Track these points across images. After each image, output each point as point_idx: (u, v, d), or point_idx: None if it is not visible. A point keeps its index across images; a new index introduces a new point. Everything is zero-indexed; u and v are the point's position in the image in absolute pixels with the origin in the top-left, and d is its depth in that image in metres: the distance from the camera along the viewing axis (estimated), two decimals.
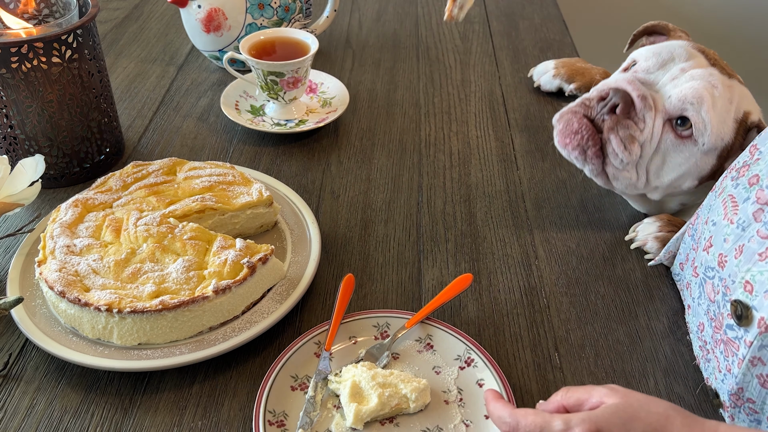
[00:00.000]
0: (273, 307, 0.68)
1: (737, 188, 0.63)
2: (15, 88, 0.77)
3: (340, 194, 0.88)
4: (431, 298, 0.73)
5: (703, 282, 0.65)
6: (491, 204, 0.87)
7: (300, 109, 1.00)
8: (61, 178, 0.86)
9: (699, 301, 0.67)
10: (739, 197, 0.61)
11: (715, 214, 0.65)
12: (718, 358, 0.61)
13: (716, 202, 0.66)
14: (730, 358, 0.59)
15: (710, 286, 0.64)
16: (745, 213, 0.60)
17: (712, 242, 0.64)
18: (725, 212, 0.63)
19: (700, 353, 0.66)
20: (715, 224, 0.64)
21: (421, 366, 0.65)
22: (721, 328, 0.61)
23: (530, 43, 1.26)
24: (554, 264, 0.78)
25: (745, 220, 0.59)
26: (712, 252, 0.63)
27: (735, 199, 0.62)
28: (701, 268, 0.66)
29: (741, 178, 0.63)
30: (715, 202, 0.66)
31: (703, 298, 0.65)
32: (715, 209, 0.65)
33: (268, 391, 0.60)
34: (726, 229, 0.62)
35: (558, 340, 0.70)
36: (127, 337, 0.63)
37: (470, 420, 0.60)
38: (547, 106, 1.07)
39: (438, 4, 1.39)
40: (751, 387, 0.57)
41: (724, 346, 0.60)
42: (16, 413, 0.61)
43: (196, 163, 0.80)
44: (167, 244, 0.69)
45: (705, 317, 0.65)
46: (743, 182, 0.62)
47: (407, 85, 1.12)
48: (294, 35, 0.99)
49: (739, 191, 0.62)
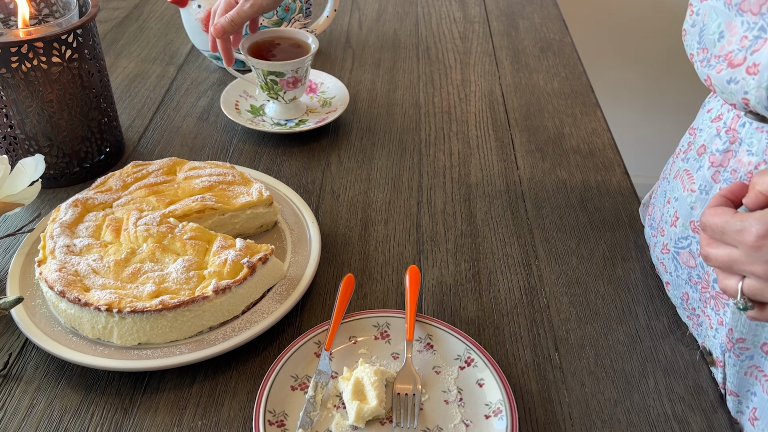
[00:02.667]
0: (273, 307, 0.68)
1: (688, 162, 0.68)
2: (15, 88, 0.77)
3: (340, 194, 0.88)
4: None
5: (676, 255, 0.70)
6: (491, 204, 0.87)
7: (300, 109, 1.00)
8: (61, 178, 0.86)
9: (677, 274, 0.71)
10: (692, 168, 0.67)
11: (674, 191, 0.70)
12: (709, 315, 0.66)
13: (671, 183, 0.71)
14: (722, 310, 0.63)
15: (687, 254, 0.68)
16: (703, 178, 0.65)
17: (678, 215, 0.69)
18: (683, 185, 0.68)
19: (690, 322, 0.70)
20: (677, 200, 0.69)
21: (421, 366, 0.65)
22: (708, 286, 0.66)
23: (530, 43, 1.26)
24: (554, 264, 0.78)
25: (705, 185, 0.65)
26: (680, 224, 0.69)
27: (689, 172, 0.68)
28: (671, 243, 0.71)
29: (689, 153, 0.69)
30: (669, 184, 0.72)
31: (681, 269, 0.70)
32: (672, 188, 0.71)
33: (268, 391, 0.60)
34: (689, 198, 0.67)
35: (558, 339, 0.70)
36: (127, 337, 0.63)
37: (470, 420, 0.60)
38: (547, 106, 1.07)
39: (438, 4, 1.39)
40: (739, 325, 0.62)
41: (714, 302, 0.65)
42: (16, 413, 0.61)
43: (196, 163, 0.80)
44: (167, 244, 0.69)
45: (687, 285, 0.69)
46: (692, 155, 0.68)
47: (407, 85, 1.12)
48: (294, 35, 0.99)
49: (690, 164, 0.68)
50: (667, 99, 2.12)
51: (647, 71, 2.06)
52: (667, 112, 2.14)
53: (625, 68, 2.06)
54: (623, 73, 2.07)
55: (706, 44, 0.59)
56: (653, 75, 2.07)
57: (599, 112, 1.06)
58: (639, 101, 2.13)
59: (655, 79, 2.08)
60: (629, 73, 2.07)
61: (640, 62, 2.05)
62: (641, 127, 2.18)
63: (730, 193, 0.54)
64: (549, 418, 0.62)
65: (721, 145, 0.63)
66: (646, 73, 2.07)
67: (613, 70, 2.06)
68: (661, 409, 0.63)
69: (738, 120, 0.62)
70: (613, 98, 2.08)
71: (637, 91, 2.11)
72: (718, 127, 0.64)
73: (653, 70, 2.06)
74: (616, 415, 0.63)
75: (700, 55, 0.60)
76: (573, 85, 1.13)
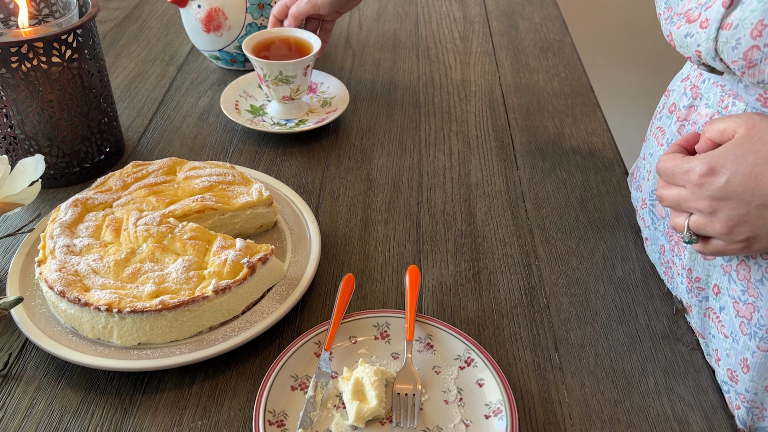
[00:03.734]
0: (273, 307, 0.68)
1: (661, 120, 0.74)
2: (15, 88, 0.77)
3: (340, 194, 0.88)
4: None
5: (652, 207, 0.75)
6: (491, 204, 0.87)
7: (302, 109, 1.00)
8: (61, 178, 0.86)
9: (654, 226, 0.75)
10: (665, 125, 0.73)
11: (649, 148, 0.76)
12: (676, 263, 0.71)
13: (649, 141, 0.77)
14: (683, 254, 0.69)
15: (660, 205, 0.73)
16: (671, 132, 0.71)
17: (651, 169, 0.75)
18: (657, 141, 0.74)
19: (665, 277, 0.75)
20: (651, 155, 0.75)
21: (421, 366, 0.65)
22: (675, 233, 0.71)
23: (530, 43, 1.26)
24: (554, 264, 0.78)
25: (672, 138, 0.71)
26: (653, 177, 0.75)
27: (662, 129, 0.74)
28: (648, 197, 0.76)
29: (663, 112, 0.75)
30: (647, 143, 0.77)
31: (657, 221, 0.75)
32: (648, 146, 0.77)
33: (268, 391, 0.60)
34: (659, 152, 0.73)
35: (558, 340, 0.70)
36: (127, 337, 0.63)
37: (470, 420, 0.60)
38: (547, 106, 1.07)
39: (438, 4, 1.39)
40: (696, 265, 0.67)
41: (677, 247, 0.70)
42: (16, 413, 0.61)
43: (196, 163, 0.80)
44: (167, 244, 0.69)
45: (663, 238, 0.74)
46: (665, 114, 0.74)
47: (407, 85, 1.12)
48: (297, 35, 0.99)
49: (663, 121, 0.74)
50: None
51: (647, 71, 2.06)
52: None
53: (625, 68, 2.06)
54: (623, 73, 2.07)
55: (671, 3, 0.64)
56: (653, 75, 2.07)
57: (599, 112, 1.06)
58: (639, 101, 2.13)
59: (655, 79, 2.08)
60: (629, 73, 2.07)
61: (640, 62, 2.05)
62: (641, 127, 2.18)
63: (684, 141, 0.61)
64: (549, 418, 0.62)
65: (687, 101, 0.69)
66: (646, 73, 2.07)
67: (613, 70, 2.06)
68: (661, 409, 0.63)
69: (700, 78, 0.67)
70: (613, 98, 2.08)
71: (637, 91, 2.11)
72: (686, 86, 0.70)
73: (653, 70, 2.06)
74: (616, 415, 0.63)
75: (666, 13, 0.65)
76: (573, 85, 1.13)
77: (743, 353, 0.62)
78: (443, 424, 0.60)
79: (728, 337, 0.64)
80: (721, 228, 0.55)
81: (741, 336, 0.62)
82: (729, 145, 0.54)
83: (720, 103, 0.63)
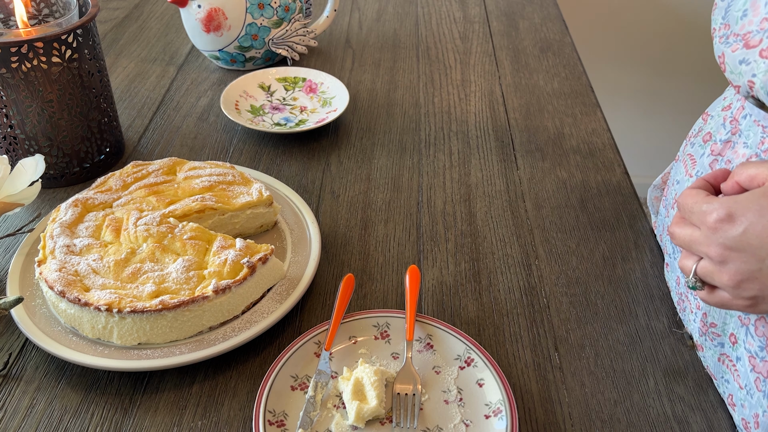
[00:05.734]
0: (273, 307, 0.68)
1: (694, 147, 0.69)
2: (15, 88, 0.77)
3: (340, 194, 0.88)
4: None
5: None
6: (491, 204, 0.87)
7: None
8: (61, 178, 0.86)
9: (674, 255, 0.72)
10: (696, 154, 0.68)
11: (678, 174, 0.71)
12: (690, 301, 0.67)
13: (679, 166, 0.72)
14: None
15: None
16: (702, 165, 0.66)
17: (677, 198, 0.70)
18: (686, 170, 0.69)
19: (678, 307, 0.71)
20: (678, 182, 0.71)
21: (421, 366, 0.65)
22: None
23: (530, 43, 1.26)
24: (554, 264, 0.78)
25: (702, 171, 0.66)
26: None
27: (693, 157, 0.69)
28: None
29: (696, 138, 0.69)
30: (676, 167, 0.73)
31: (677, 252, 0.71)
32: (677, 171, 0.72)
33: (268, 391, 0.60)
34: (688, 182, 0.68)
35: (558, 339, 0.70)
36: (127, 337, 0.63)
37: (470, 420, 0.60)
38: (547, 106, 1.07)
39: (438, 4, 1.39)
40: (712, 310, 0.63)
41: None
42: (16, 413, 0.61)
43: (196, 163, 0.80)
44: (167, 243, 0.69)
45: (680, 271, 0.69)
46: (698, 141, 0.69)
47: (407, 85, 1.12)
48: None
49: (695, 149, 0.69)
50: (667, 99, 2.12)
51: (647, 71, 2.07)
52: (667, 112, 2.14)
53: (625, 68, 2.06)
54: (623, 73, 2.07)
55: (729, 20, 0.58)
56: (653, 75, 2.07)
57: (599, 112, 1.06)
58: (639, 101, 2.13)
59: (654, 79, 2.08)
60: (629, 73, 2.07)
61: (640, 62, 2.05)
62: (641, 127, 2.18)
63: (712, 178, 0.56)
64: (549, 418, 0.62)
65: (724, 134, 0.64)
66: (646, 74, 2.07)
67: (613, 70, 2.06)
68: (661, 409, 0.63)
69: (742, 111, 0.62)
70: (613, 98, 2.09)
71: (637, 91, 2.11)
72: (726, 117, 0.65)
73: (653, 71, 2.06)
74: (616, 415, 0.63)
75: (721, 30, 0.60)
76: (573, 85, 1.13)
77: (756, 408, 0.58)
78: (443, 424, 0.60)
79: (743, 388, 0.60)
80: (729, 280, 0.51)
81: (756, 391, 0.58)
82: (754, 194, 0.50)
83: (760, 145, 0.58)
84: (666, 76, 2.07)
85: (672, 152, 0.78)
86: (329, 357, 0.64)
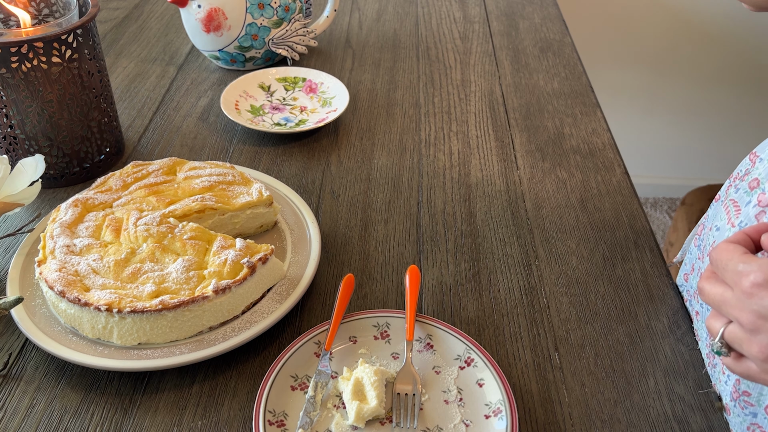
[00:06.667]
0: (273, 307, 0.68)
1: (738, 192, 0.64)
2: (15, 88, 0.77)
3: (340, 194, 0.88)
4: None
5: None
6: (491, 204, 0.87)
7: None
8: (61, 178, 0.86)
9: (707, 306, 0.66)
10: (741, 201, 0.62)
11: (719, 219, 0.65)
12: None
13: (719, 209, 0.67)
14: None
15: None
16: (747, 216, 0.60)
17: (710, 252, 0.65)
18: (728, 217, 0.63)
19: (707, 360, 0.67)
20: (718, 229, 0.65)
21: (421, 366, 0.65)
22: None
23: (530, 43, 1.26)
24: (554, 264, 0.78)
25: (747, 223, 0.60)
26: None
27: (737, 204, 0.63)
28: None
29: (741, 183, 0.64)
30: (718, 210, 0.67)
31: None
32: (718, 215, 0.66)
33: (268, 391, 0.60)
34: (729, 232, 0.62)
35: (558, 340, 0.70)
36: (127, 337, 0.63)
37: (470, 420, 0.60)
38: (547, 106, 1.07)
39: (438, 4, 1.39)
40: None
41: None
42: (16, 413, 0.61)
43: (196, 163, 0.80)
44: (167, 244, 0.69)
45: None
46: (744, 187, 0.63)
47: (407, 85, 1.12)
48: None
49: (740, 195, 0.63)
50: (666, 99, 2.12)
51: (647, 71, 2.07)
52: (667, 112, 2.14)
53: (625, 68, 2.06)
54: (623, 73, 2.07)
55: None
56: (653, 75, 2.07)
57: (599, 112, 1.06)
58: (639, 101, 2.13)
59: (654, 80, 2.08)
60: (629, 73, 2.07)
61: (640, 62, 2.05)
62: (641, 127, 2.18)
63: (754, 232, 0.51)
64: (549, 418, 0.62)
65: None
66: (646, 74, 2.07)
67: (613, 70, 2.06)
68: (661, 409, 0.63)
69: None
70: (613, 98, 2.09)
71: (637, 91, 2.11)
72: None
73: (653, 71, 2.06)
74: (616, 415, 0.63)
75: None
76: (573, 85, 1.13)
77: None
78: (443, 424, 0.60)
79: None
80: (759, 352, 0.46)
81: None
82: None
83: None
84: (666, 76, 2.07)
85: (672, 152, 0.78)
86: (329, 357, 0.64)
